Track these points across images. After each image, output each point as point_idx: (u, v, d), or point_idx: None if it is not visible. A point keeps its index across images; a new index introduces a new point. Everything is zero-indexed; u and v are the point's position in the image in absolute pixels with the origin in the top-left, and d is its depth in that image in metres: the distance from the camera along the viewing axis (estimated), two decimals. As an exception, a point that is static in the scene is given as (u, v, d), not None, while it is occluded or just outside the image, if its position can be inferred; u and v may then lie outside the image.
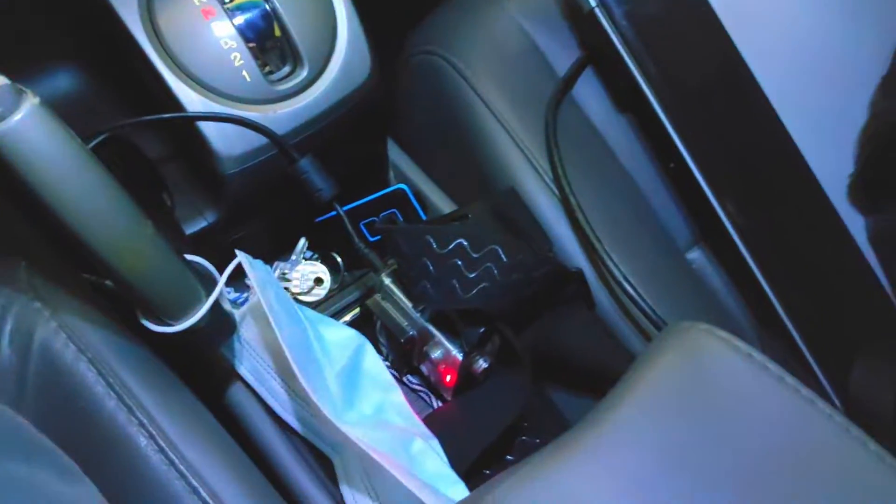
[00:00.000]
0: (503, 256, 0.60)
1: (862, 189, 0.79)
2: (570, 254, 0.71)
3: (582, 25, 0.82)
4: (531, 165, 0.73)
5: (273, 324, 0.56)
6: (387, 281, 0.66)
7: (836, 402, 0.76)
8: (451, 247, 0.60)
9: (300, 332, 0.60)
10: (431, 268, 0.61)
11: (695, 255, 0.84)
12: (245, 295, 0.64)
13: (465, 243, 0.60)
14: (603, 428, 0.37)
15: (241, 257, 0.57)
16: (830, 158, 0.80)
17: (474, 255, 0.60)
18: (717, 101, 0.78)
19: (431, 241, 0.61)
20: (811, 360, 0.76)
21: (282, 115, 0.67)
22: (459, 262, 0.60)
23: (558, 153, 0.71)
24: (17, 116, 0.38)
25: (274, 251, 0.80)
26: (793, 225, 0.79)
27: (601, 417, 0.37)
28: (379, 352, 0.69)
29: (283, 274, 0.77)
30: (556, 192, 0.72)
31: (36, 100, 0.39)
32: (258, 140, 0.66)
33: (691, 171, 0.76)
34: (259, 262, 0.61)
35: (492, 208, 0.68)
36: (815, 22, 0.79)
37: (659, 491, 0.33)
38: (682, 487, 0.33)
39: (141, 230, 0.46)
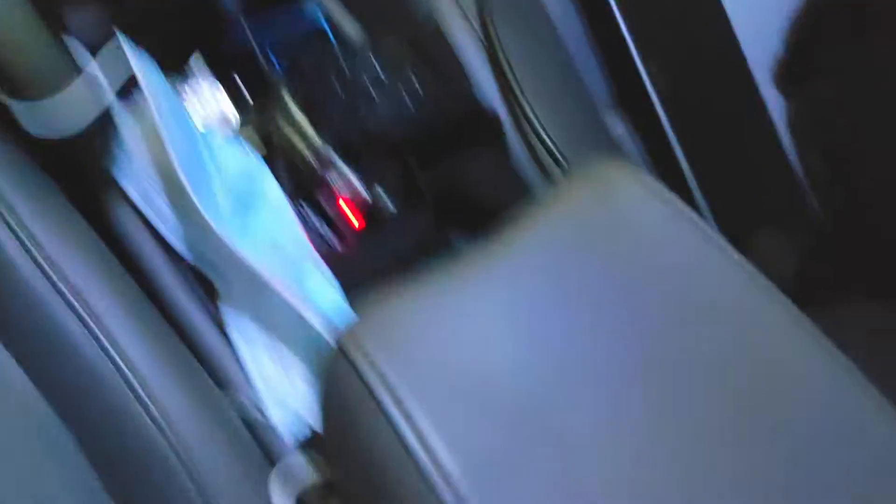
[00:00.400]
0: (418, 87, 0.57)
1: (785, 70, 0.79)
2: (489, 98, 0.68)
3: None
4: (457, 3, 0.69)
5: (159, 126, 0.52)
6: (289, 103, 0.62)
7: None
8: (362, 71, 0.56)
9: (191, 142, 0.56)
10: (339, 90, 0.57)
11: (612, 120, 0.83)
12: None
13: (378, 69, 0.56)
14: (501, 251, 0.34)
15: (122, 39, 0.52)
16: (761, 37, 0.78)
17: (387, 82, 0.56)
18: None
19: (342, 62, 0.57)
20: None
21: None
22: (370, 87, 0.56)
23: (487, -8, 0.67)
24: None
25: (171, 71, 0.74)
26: (715, 99, 0.78)
27: (500, 241, 0.35)
28: (278, 181, 0.65)
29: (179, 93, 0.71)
30: (480, 34, 0.68)
31: None
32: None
33: (619, 29, 0.74)
34: (146, 56, 0.55)
35: (411, 42, 0.64)
36: None
37: (554, 320, 0.31)
38: (577, 320, 0.31)
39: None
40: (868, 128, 0.71)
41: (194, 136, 0.57)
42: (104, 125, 0.55)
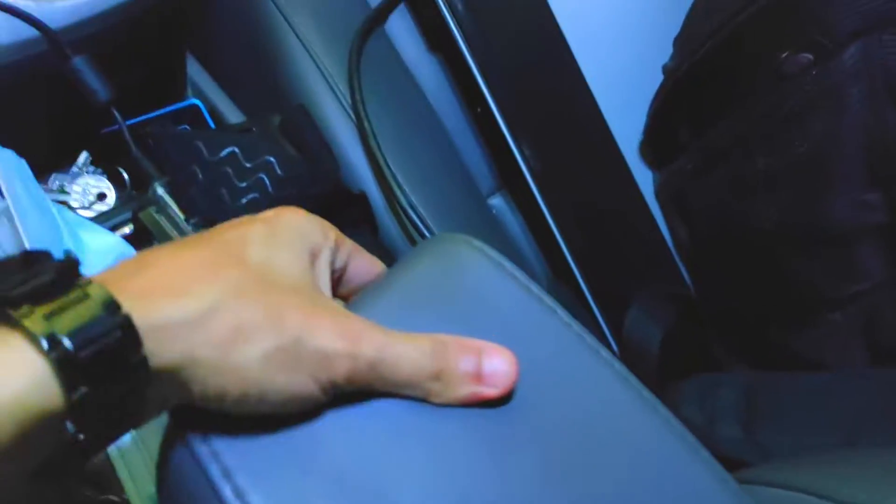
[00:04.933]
0: (278, 169, 0.59)
1: (648, 144, 0.83)
2: (361, 178, 0.70)
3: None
4: (329, 88, 0.72)
5: (17, 220, 0.52)
6: (160, 191, 0.63)
7: (614, 345, 0.80)
8: (222, 154, 0.58)
9: (53, 232, 0.56)
10: (200, 175, 0.58)
11: (496, 202, 0.86)
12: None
13: (237, 151, 0.58)
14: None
15: None
16: (627, 116, 0.83)
17: (247, 165, 0.58)
18: (526, 50, 0.80)
19: (202, 147, 0.58)
20: (593, 306, 0.80)
21: (59, 8, 0.62)
22: (230, 170, 0.58)
23: (358, 78, 0.70)
24: None
25: (53, 164, 0.75)
26: (587, 176, 0.82)
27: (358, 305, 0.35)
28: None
29: (62, 187, 0.72)
30: (353, 117, 0.71)
31: None
32: (29, 32, 0.61)
33: (494, 115, 0.78)
34: (9, 153, 0.56)
35: (280, 124, 0.66)
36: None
37: None
38: None
39: None
40: (720, 201, 0.74)
41: (56, 224, 0.58)
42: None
